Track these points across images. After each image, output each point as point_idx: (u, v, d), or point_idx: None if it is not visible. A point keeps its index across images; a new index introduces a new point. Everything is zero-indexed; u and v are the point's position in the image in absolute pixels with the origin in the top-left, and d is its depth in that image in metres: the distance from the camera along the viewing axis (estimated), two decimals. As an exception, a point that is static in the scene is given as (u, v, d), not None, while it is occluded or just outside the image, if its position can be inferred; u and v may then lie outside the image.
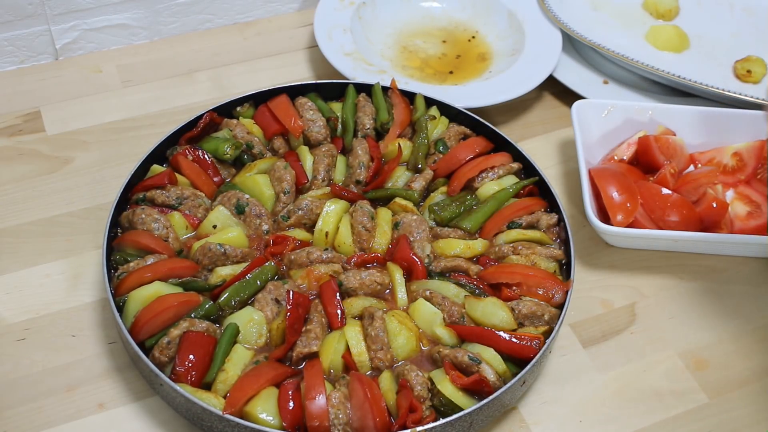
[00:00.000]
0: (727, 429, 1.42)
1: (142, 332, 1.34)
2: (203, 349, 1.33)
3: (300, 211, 1.53)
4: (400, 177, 1.64)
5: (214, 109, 1.65)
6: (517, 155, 1.65)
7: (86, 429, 1.35)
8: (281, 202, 1.56)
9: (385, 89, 1.74)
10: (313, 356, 1.35)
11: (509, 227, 1.54)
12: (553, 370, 1.47)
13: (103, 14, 1.91)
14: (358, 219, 1.51)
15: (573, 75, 1.93)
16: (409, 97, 1.73)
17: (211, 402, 1.27)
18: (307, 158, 1.62)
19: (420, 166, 1.63)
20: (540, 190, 1.61)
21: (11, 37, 1.86)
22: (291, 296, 1.37)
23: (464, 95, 1.82)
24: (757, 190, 1.70)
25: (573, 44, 2.00)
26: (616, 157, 1.72)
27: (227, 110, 1.69)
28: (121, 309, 1.37)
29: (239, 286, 1.41)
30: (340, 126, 1.70)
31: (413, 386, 1.30)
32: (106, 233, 1.46)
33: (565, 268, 1.50)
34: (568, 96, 1.91)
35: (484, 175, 1.61)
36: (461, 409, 1.28)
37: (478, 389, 1.30)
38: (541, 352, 1.34)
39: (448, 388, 1.30)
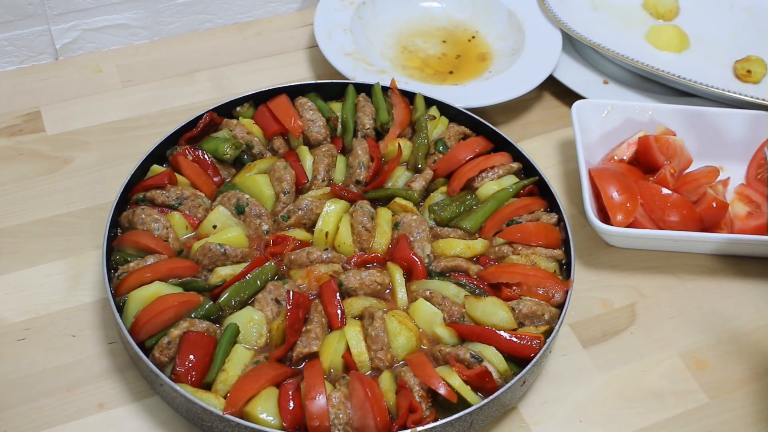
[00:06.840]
0: (727, 429, 1.42)
1: (142, 332, 1.34)
2: (203, 350, 1.33)
3: (300, 211, 1.53)
4: (400, 177, 1.64)
5: (214, 109, 1.65)
6: (517, 155, 1.65)
7: (86, 429, 1.35)
8: (281, 202, 1.56)
9: (385, 89, 1.74)
10: (314, 356, 1.35)
11: (508, 225, 1.54)
12: (553, 370, 1.47)
13: (103, 14, 1.91)
14: (358, 219, 1.51)
15: (573, 75, 1.93)
16: (409, 97, 1.73)
17: (212, 402, 1.27)
18: (307, 158, 1.62)
19: (420, 166, 1.63)
20: (540, 190, 1.61)
21: (11, 37, 1.86)
22: (291, 296, 1.37)
23: (464, 95, 1.82)
24: (757, 190, 1.70)
25: (573, 44, 2.00)
26: (616, 157, 1.72)
27: (227, 110, 1.69)
28: (121, 309, 1.37)
29: (239, 286, 1.41)
30: (340, 126, 1.70)
31: (411, 387, 1.30)
32: (106, 233, 1.46)
33: (565, 268, 1.50)
34: (568, 96, 1.91)
35: (484, 175, 1.61)
36: (464, 407, 1.28)
37: (481, 383, 1.30)
38: (541, 351, 1.34)
39: (456, 380, 1.30)
